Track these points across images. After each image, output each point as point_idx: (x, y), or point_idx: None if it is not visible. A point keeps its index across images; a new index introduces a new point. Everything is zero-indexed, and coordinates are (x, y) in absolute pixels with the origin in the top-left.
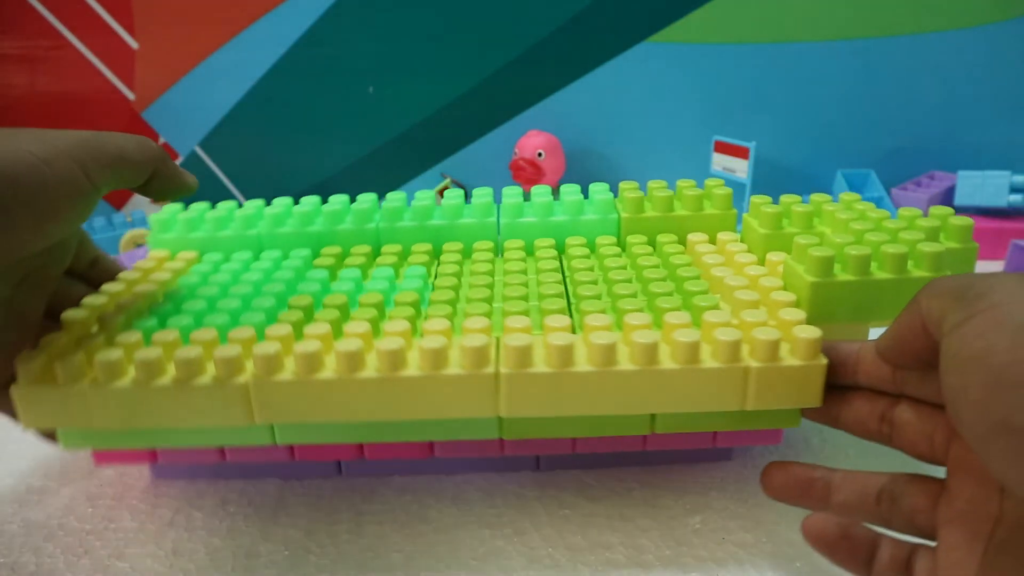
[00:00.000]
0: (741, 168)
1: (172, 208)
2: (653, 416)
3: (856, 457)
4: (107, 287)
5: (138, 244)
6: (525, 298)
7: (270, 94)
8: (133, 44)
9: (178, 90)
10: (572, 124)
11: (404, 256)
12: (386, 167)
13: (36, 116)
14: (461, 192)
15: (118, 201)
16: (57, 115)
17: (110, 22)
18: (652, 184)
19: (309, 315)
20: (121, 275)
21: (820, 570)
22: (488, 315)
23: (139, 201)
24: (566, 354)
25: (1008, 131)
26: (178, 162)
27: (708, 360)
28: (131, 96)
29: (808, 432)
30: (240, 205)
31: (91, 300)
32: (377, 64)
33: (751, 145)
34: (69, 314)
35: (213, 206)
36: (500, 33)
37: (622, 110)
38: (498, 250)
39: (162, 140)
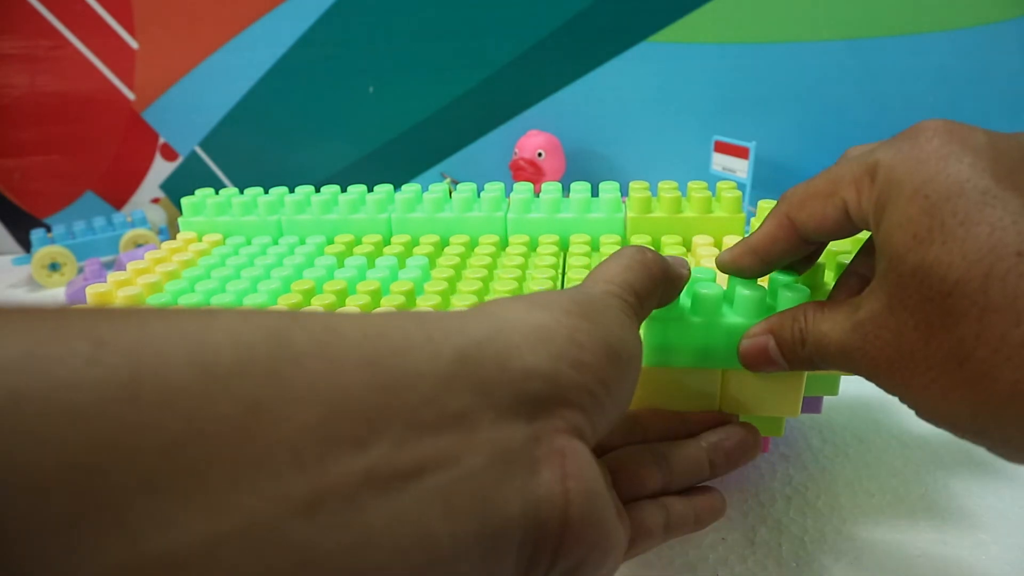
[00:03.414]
0: (741, 168)
1: (203, 192)
2: None
3: (856, 457)
4: (132, 264)
5: (138, 244)
6: (514, 292)
7: (270, 94)
8: (133, 44)
9: (178, 90)
10: (572, 124)
11: (411, 246)
12: (386, 167)
13: (36, 116)
14: (473, 186)
15: (118, 201)
16: (57, 115)
17: (110, 22)
18: (662, 185)
19: (308, 299)
20: (148, 254)
21: (819, 570)
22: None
23: (139, 201)
24: None
25: (1008, 131)
26: (178, 162)
27: None
28: (131, 96)
29: (808, 432)
30: (265, 191)
31: (116, 276)
32: (377, 64)
33: (751, 145)
34: (94, 288)
35: (241, 192)
36: (500, 33)
37: (622, 110)
38: (504, 244)
39: (162, 140)
